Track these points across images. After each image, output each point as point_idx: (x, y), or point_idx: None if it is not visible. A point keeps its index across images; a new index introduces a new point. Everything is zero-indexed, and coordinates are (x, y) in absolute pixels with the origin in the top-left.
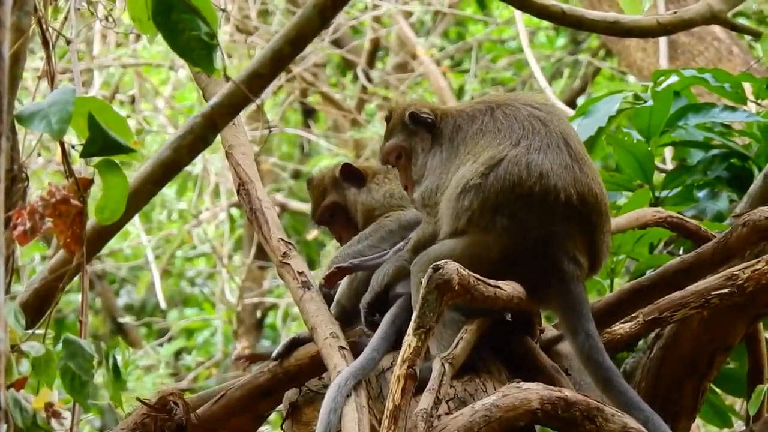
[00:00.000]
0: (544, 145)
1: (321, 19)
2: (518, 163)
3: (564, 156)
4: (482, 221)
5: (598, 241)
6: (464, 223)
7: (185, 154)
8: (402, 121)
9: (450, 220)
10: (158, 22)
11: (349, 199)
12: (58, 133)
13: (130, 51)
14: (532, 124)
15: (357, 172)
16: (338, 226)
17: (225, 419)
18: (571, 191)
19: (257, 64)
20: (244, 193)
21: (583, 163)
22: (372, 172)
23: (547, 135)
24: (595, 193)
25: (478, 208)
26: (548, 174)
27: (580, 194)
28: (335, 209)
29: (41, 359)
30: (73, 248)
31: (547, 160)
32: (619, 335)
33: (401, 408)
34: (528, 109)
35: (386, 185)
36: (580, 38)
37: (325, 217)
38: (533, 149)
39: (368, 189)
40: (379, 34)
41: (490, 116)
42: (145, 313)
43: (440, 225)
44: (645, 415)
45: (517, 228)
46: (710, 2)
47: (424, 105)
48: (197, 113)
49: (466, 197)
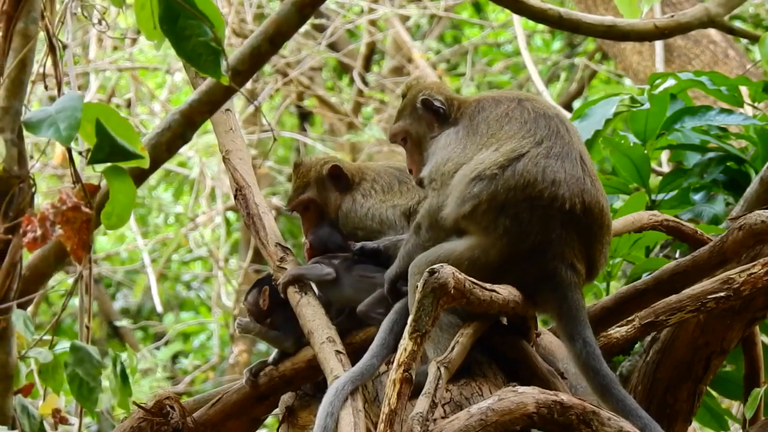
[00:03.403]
0: (564, 153)
1: (300, 16)
2: (537, 164)
3: (578, 168)
4: (485, 219)
5: (597, 251)
6: (468, 210)
7: (163, 150)
8: (413, 103)
9: (455, 201)
10: (165, 29)
11: (329, 199)
12: (66, 140)
13: (126, 55)
14: (558, 128)
15: (344, 177)
16: (308, 220)
17: (221, 423)
18: (576, 201)
19: (236, 60)
20: (242, 198)
21: (595, 179)
22: (360, 178)
23: (569, 143)
24: (601, 205)
25: (486, 200)
26: (560, 182)
27: (586, 204)
28: (311, 205)
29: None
30: (80, 254)
31: (562, 169)
32: (616, 339)
33: (397, 412)
34: (556, 112)
35: (371, 199)
36: (577, 41)
37: (299, 209)
38: (553, 154)
39: (353, 198)
40: (376, 38)
41: (517, 104)
42: (142, 316)
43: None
44: (643, 422)
45: (518, 231)
46: (707, 6)
47: (441, 92)
48: (175, 110)
49: (477, 185)
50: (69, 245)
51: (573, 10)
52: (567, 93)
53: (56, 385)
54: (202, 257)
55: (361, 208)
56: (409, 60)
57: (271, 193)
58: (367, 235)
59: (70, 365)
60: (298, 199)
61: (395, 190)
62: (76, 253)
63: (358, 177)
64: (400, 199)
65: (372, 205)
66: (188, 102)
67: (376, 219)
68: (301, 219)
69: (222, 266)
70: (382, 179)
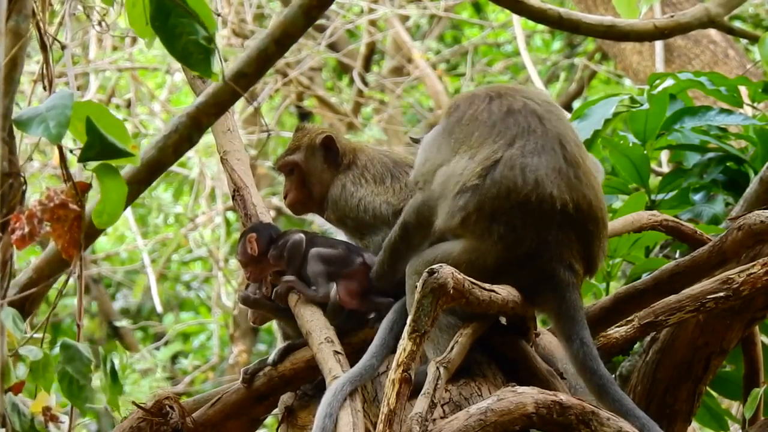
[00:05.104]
0: (539, 147)
1: (306, 19)
2: (513, 167)
3: (558, 159)
4: (478, 228)
5: (594, 247)
6: (458, 222)
7: (170, 153)
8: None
9: (445, 216)
10: (156, 27)
11: (315, 169)
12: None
13: (126, 55)
14: (528, 122)
15: (335, 151)
16: (291, 184)
17: (221, 423)
18: (566, 198)
19: (243, 63)
20: (239, 199)
21: (578, 167)
22: (351, 160)
23: (543, 135)
24: (589, 200)
25: (474, 211)
26: (543, 181)
27: (575, 202)
28: (295, 169)
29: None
30: (71, 252)
31: (541, 164)
32: (615, 339)
33: (396, 412)
34: (526, 104)
35: (362, 189)
36: (576, 42)
37: (285, 170)
38: (528, 151)
39: (342, 184)
40: (375, 38)
41: (486, 105)
42: (142, 316)
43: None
44: (641, 422)
45: (513, 237)
46: (707, 6)
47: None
48: (182, 112)
49: (461, 197)
50: (59, 243)
51: (573, 11)
52: (567, 93)
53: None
54: (202, 257)
55: (352, 197)
56: (409, 60)
57: (270, 193)
58: (357, 226)
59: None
60: (285, 159)
61: (387, 185)
62: (67, 251)
63: (349, 157)
64: (393, 197)
65: (364, 196)
66: (195, 104)
67: (369, 212)
68: (285, 181)
69: (222, 266)
70: (374, 168)
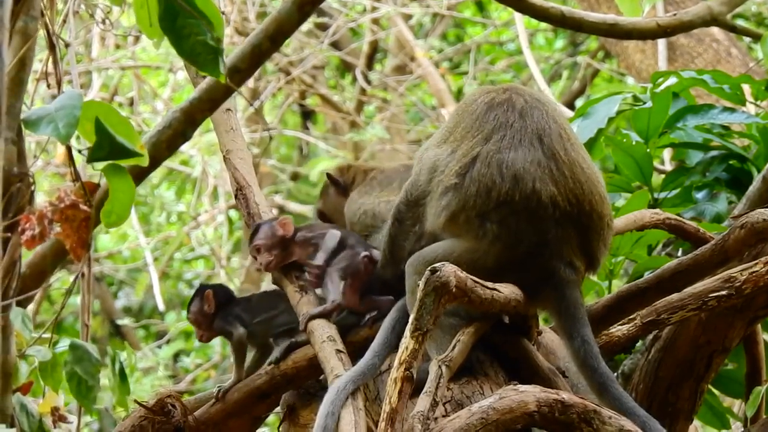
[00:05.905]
0: (516, 141)
1: (300, 14)
2: (490, 164)
3: (536, 152)
4: (471, 227)
5: (594, 242)
6: (444, 221)
7: (164, 149)
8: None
9: (432, 216)
10: (164, 27)
11: (332, 205)
12: (65, 138)
13: (128, 53)
14: (507, 116)
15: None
16: None
17: (223, 421)
18: (553, 191)
19: (236, 58)
20: (242, 198)
21: (558, 160)
22: (363, 177)
23: (521, 129)
24: (575, 193)
25: (459, 210)
26: (522, 176)
27: (563, 195)
28: (321, 214)
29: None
30: (79, 253)
31: (518, 158)
32: (617, 337)
33: (398, 410)
34: (510, 98)
35: (367, 196)
36: (579, 40)
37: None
38: (504, 147)
39: (351, 198)
40: (378, 36)
41: (471, 100)
42: (144, 315)
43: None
44: (641, 420)
45: (509, 236)
46: (710, 4)
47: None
48: (176, 108)
49: (444, 197)
50: (68, 243)
51: (575, 9)
52: (569, 91)
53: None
54: (205, 256)
55: (354, 204)
56: (411, 58)
57: (273, 191)
58: (361, 230)
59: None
60: (315, 209)
61: (393, 186)
62: (75, 252)
63: (361, 176)
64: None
65: (365, 202)
66: (189, 100)
67: (369, 214)
68: None
69: (224, 265)
70: (383, 175)
